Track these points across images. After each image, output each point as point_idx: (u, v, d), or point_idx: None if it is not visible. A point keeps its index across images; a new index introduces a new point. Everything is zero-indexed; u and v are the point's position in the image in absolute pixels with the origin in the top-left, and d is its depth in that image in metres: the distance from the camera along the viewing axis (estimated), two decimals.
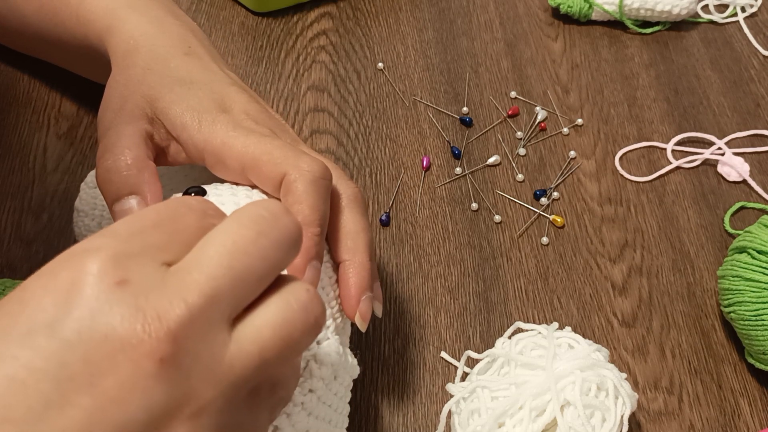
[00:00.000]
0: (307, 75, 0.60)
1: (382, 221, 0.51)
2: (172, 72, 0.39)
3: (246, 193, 0.36)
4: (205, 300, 0.23)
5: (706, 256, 0.51)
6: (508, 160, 0.55)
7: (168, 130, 0.38)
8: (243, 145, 0.36)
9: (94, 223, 0.43)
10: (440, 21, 0.65)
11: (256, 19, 0.64)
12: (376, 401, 0.43)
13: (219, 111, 0.37)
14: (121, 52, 0.41)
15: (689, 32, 0.65)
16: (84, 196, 0.44)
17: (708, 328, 0.48)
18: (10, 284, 0.39)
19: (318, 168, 0.35)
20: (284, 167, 0.35)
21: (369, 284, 0.37)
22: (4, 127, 0.54)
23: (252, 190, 0.37)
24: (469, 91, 0.59)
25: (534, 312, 0.48)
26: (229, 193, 0.36)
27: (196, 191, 0.36)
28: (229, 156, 0.36)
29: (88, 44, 0.44)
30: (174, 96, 0.38)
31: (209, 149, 0.36)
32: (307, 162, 0.35)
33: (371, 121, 0.57)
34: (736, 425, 0.44)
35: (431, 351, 0.46)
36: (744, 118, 0.59)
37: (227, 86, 0.39)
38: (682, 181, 0.55)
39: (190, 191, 0.36)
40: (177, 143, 0.38)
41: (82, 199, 0.44)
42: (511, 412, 0.38)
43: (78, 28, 0.44)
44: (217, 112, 0.37)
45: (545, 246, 0.51)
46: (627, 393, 0.39)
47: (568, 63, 0.62)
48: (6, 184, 0.51)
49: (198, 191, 0.36)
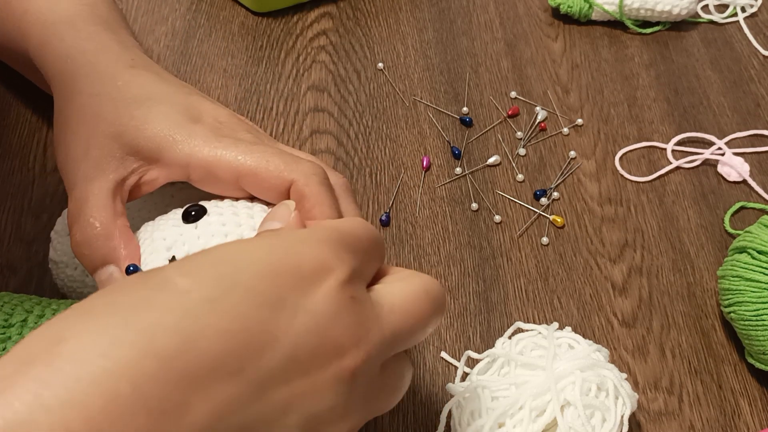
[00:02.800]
0: (307, 75, 0.60)
1: (382, 221, 0.51)
2: (123, 92, 0.37)
3: (247, 212, 0.35)
4: (392, 337, 0.28)
5: (706, 256, 0.51)
6: (508, 160, 0.55)
7: (144, 159, 0.36)
8: (234, 156, 0.35)
9: (77, 272, 0.41)
10: (440, 21, 0.65)
11: (256, 19, 0.64)
12: None
13: (190, 122, 0.36)
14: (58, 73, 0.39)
15: (689, 32, 0.65)
16: (58, 246, 0.42)
17: (708, 328, 0.48)
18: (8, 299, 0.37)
19: (320, 169, 0.35)
20: (290, 175, 0.35)
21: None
22: (4, 127, 0.54)
23: (252, 205, 0.36)
24: (469, 91, 0.59)
25: (534, 312, 0.48)
26: (231, 212, 0.35)
27: (196, 210, 0.35)
28: (220, 168, 0.35)
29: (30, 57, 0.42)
30: (136, 122, 0.36)
31: (195, 164, 0.35)
32: (309, 166, 0.35)
33: (371, 121, 0.57)
34: (736, 425, 0.44)
35: (431, 351, 0.46)
36: (744, 118, 0.59)
37: (187, 96, 0.38)
38: (682, 181, 0.55)
39: (190, 210, 0.35)
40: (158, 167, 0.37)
41: (57, 250, 0.42)
42: (511, 413, 0.38)
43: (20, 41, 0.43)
44: (189, 124, 0.36)
45: (545, 246, 0.51)
46: (627, 393, 0.39)
47: (568, 63, 0.62)
48: (6, 184, 0.51)
49: (198, 210, 0.35)
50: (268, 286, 0.25)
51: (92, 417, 0.20)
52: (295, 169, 0.35)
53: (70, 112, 0.38)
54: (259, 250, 0.27)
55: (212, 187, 0.36)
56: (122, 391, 0.21)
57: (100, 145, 0.36)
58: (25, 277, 0.46)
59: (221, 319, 0.24)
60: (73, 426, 0.20)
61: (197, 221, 0.35)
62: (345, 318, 0.26)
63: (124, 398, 0.21)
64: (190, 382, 0.22)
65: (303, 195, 0.34)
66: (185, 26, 0.62)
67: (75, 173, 0.37)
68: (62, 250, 0.41)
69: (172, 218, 0.36)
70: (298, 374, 0.25)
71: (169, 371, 0.22)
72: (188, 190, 0.41)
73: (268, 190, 0.35)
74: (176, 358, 0.22)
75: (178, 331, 0.23)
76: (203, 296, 0.24)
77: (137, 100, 0.37)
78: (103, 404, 0.21)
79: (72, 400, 0.20)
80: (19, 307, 0.36)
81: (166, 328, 0.23)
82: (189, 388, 0.22)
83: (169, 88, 0.38)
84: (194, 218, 0.35)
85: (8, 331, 0.35)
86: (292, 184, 0.35)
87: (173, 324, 0.23)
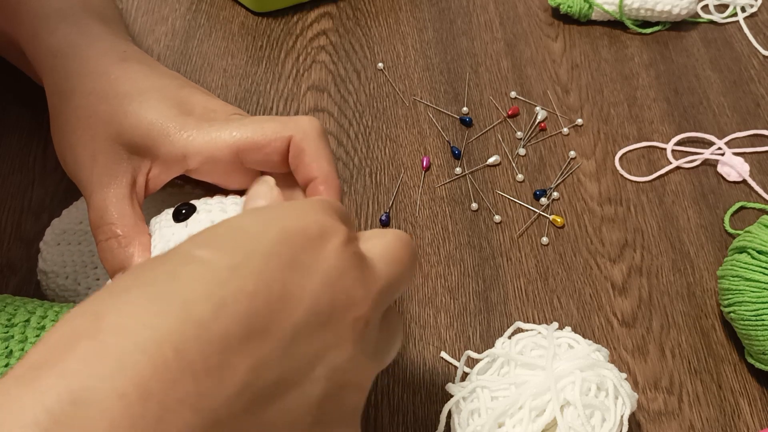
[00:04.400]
0: (307, 75, 0.60)
1: (382, 221, 0.51)
2: (116, 88, 0.37)
3: (234, 208, 0.36)
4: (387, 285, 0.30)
5: (706, 256, 0.51)
6: (508, 160, 0.55)
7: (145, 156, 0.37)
8: (229, 133, 0.36)
9: (69, 281, 0.41)
10: (440, 21, 0.65)
11: (256, 19, 0.64)
12: (376, 401, 0.43)
13: (182, 114, 0.37)
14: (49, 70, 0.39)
15: (689, 32, 0.65)
16: (48, 257, 0.42)
17: (708, 328, 0.48)
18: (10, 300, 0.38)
19: (317, 123, 0.36)
20: (286, 132, 0.35)
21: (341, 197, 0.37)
22: (4, 127, 0.54)
23: (240, 200, 0.36)
24: (469, 91, 0.59)
25: (534, 312, 0.48)
26: (219, 209, 0.36)
27: (186, 209, 0.36)
28: (217, 149, 0.36)
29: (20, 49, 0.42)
30: (131, 119, 0.36)
31: (192, 152, 0.36)
32: (305, 120, 0.36)
33: (371, 121, 0.57)
34: (736, 425, 0.44)
35: (431, 351, 0.46)
36: (744, 118, 0.59)
37: (179, 88, 0.38)
38: (682, 181, 0.55)
39: (181, 209, 0.36)
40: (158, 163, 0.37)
41: (46, 261, 0.42)
42: (511, 412, 0.38)
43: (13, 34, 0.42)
44: (181, 116, 0.36)
45: (545, 246, 0.51)
46: (627, 393, 0.39)
47: (568, 63, 0.62)
48: (6, 184, 0.51)
49: (188, 208, 0.36)
50: (282, 249, 0.26)
51: (143, 383, 0.22)
52: (291, 126, 0.36)
53: (67, 114, 0.38)
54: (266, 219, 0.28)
55: (214, 174, 0.37)
56: (167, 357, 0.22)
57: (105, 149, 0.37)
58: (25, 277, 0.46)
59: (246, 282, 0.25)
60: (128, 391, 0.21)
61: (187, 219, 0.35)
62: (352, 272, 0.28)
63: (170, 363, 0.22)
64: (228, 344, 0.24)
65: (302, 150, 0.35)
66: (185, 26, 0.62)
67: (89, 179, 0.37)
68: (52, 260, 0.42)
69: (164, 218, 0.36)
70: (319, 328, 0.26)
71: (207, 335, 0.23)
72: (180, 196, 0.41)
73: (270, 155, 0.36)
74: (212, 321, 0.24)
75: (209, 297, 0.24)
76: (225, 264, 0.25)
77: (129, 95, 0.37)
78: (151, 370, 0.22)
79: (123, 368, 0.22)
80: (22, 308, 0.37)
81: (198, 295, 0.24)
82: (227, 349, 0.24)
83: (161, 81, 0.38)
84: (184, 216, 0.35)
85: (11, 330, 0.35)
86: (291, 141, 0.35)
87: (204, 291, 0.24)
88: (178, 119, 0.36)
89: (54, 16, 0.41)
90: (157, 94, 0.37)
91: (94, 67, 0.38)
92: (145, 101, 0.37)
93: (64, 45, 0.39)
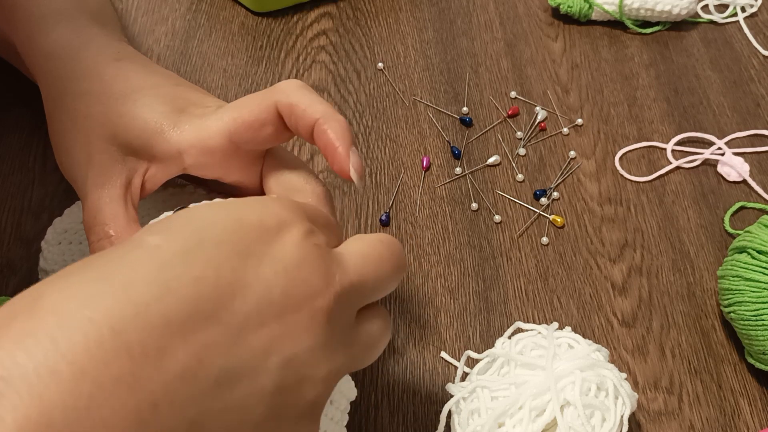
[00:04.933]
0: (307, 75, 0.60)
1: (382, 221, 0.51)
2: (110, 88, 0.38)
3: None
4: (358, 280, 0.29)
5: (706, 256, 0.51)
6: (508, 160, 0.55)
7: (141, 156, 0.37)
8: (217, 119, 0.36)
9: None
10: (440, 21, 0.65)
11: (256, 19, 0.64)
12: (376, 401, 0.43)
13: (176, 113, 0.37)
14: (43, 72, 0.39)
15: (689, 32, 0.65)
16: (49, 256, 0.42)
17: (708, 328, 0.48)
18: None
19: (296, 80, 0.36)
20: (270, 100, 0.35)
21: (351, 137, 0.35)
22: (4, 127, 0.54)
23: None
24: (469, 91, 0.59)
25: (534, 312, 0.48)
26: None
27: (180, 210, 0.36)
28: (209, 137, 0.36)
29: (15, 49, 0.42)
30: (125, 119, 0.37)
31: (186, 146, 0.36)
32: (284, 83, 0.36)
33: (371, 121, 0.57)
34: (736, 425, 0.44)
35: (431, 351, 0.46)
36: (744, 118, 0.59)
37: (173, 86, 0.38)
38: (682, 181, 0.55)
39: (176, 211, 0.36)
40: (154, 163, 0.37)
41: (47, 260, 0.42)
42: (511, 412, 0.38)
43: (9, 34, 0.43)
44: (175, 114, 0.37)
45: (545, 246, 0.51)
46: (627, 393, 0.39)
47: (568, 63, 0.62)
48: (6, 184, 0.51)
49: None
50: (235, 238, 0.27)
51: (76, 360, 0.22)
52: (272, 92, 0.35)
53: (63, 116, 0.38)
54: (223, 210, 0.28)
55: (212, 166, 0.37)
56: (103, 336, 0.22)
57: (100, 150, 0.37)
58: (25, 277, 0.46)
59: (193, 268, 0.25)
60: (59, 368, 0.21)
61: None
62: (311, 262, 0.28)
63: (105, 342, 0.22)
64: (169, 328, 0.23)
65: (291, 105, 0.35)
66: (185, 26, 0.62)
67: (84, 180, 0.37)
68: (53, 260, 0.42)
69: None
70: (273, 317, 0.26)
71: (147, 317, 0.23)
72: (182, 196, 0.41)
73: (262, 129, 0.36)
74: (153, 304, 0.23)
75: (152, 280, 0.24)
76: (175, 249, 0.25)
77: (123, 95, 0.37)
78: (85, 348, 0.22)
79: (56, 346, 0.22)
80: None
81: (141, 277, 0.24)
82: (168, 334, 0.23)
83: (155, 80, 0.38)
84: None
85: None
86: (277, 105, 0.35)
87: (147, 274, 0.24)
88: (171, 116, 0.36)
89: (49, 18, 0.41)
90: (151, 93, 0.37)
91: (87, 68, 0.39)
92: (138, 100, 0.37)
93: (59, 47, 0.39)
